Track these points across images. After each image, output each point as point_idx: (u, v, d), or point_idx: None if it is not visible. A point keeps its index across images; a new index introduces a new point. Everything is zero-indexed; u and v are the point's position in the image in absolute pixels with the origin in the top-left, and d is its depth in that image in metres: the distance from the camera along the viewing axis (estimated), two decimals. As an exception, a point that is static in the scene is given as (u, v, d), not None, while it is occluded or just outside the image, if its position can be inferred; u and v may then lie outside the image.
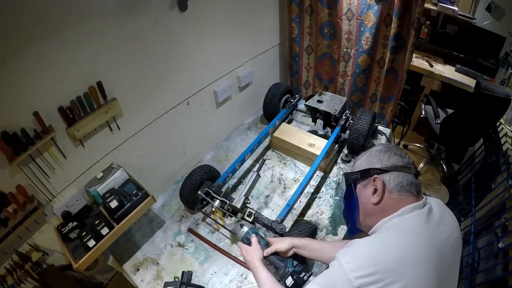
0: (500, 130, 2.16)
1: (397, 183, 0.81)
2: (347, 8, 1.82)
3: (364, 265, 0.68)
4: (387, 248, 0.71)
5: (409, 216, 0.77)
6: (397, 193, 0.80)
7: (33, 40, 0.92)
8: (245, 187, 1.37)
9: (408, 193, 0.81)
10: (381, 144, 0.92)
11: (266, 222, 1.29)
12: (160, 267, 1.33)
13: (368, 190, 0.84)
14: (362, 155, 0.90)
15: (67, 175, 1.20)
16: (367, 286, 0.66)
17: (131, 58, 1.22)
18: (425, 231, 0.74)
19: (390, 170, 0.81)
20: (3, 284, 1.11)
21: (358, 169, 0.87)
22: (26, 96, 0.97)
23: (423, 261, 0.69)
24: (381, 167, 0.82)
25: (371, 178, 0.83)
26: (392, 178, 0.81)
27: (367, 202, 0.84)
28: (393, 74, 1.90)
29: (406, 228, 0.75)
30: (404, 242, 0.71)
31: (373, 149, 0.88)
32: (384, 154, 0.84)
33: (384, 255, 0.69)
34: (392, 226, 0.77)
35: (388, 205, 0.81)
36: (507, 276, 1.42)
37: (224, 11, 1.53)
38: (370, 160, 0.85)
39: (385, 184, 0.81)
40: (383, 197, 0.81)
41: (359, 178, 0.86)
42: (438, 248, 0.72)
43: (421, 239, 0.72)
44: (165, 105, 1.47)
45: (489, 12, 2.68)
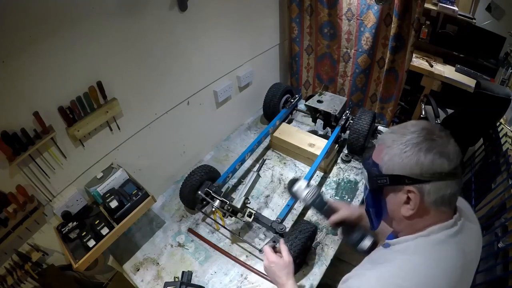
0: (500, 130, 2.16)
1: (438, 197, 0.64)
2: (347, 8, 1.82)
3: None
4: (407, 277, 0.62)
5: (435, 241, 0.65)
6: (435, 207, 0.65)
7: (33, 40, 0.92)
8: (245, 187, 1.37)
9: (447, 207, 0.66)
10: (420, 129, 0.65)
11: (266, 222, 1.29)
12: (160, 267, 1.33)
13: (399, 198, 0.67)
14: (393, 143, 0.66)
15: (67, 175, 1.20)
16: None
17: (131, 58, 1.22)
18: (448, 263, 0.65)
19: (431, 180, 0.62)
20: (3, 284, 1.11)
21: (387, 172, 0.66)
22: (26, 96, 0.97)
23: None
24: (420, 177, 0.63)
25: (404, 188, 0.65)
26: (432, 190, 0.63)
27: (396, 211, 0.69)
28: (393, 74, 1.90)
29: (430, 259, 0.64)
30: (424, 275, 0.63)
31: (410, 141, 0.64)
32: (425, 155, 0.62)
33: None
34: (415, 252, 0.66)
35: (419, 220, 0.67)
36: (507, 276, 1.42)
37: (224, 11, 1.53)
38: (405, 164, 0.64)
39: (423, 196, 0.64)
40: (418, 210, 0.65)
41: (388, 184, 0.67)
42: (458, 277, 0.65)
43: (442, 272, 0.63)
44: (165, 105, 1.47)
45: (489, 12, 2.69)
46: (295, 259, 1.17)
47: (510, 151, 1.93)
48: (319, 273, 1.28)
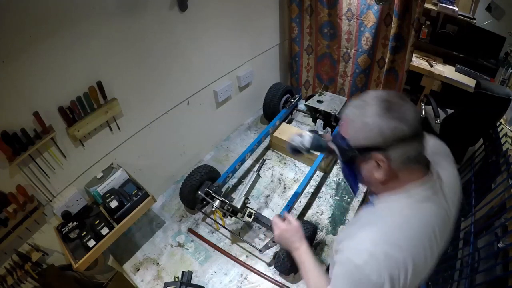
0: (500, 130, 2.16)
1: (405, 158, 0.70)
2: (347, 8, 1.82)
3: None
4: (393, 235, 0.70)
5: (417, 199, 0.72)
6: (405, 167, 0.71)
7: (33, 40, 0.92)
8: (245, 187, 1.37)
9: (417, 165, 0.73)
10: (378, 101, 0.70)
11: (266, 222, 1.29)
12: (160, 267, 1.33)
13: (370, 166, 0.73)
14: (356, 117, 0.72)
15: (67, 175, 1.20)
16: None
17: (131, 58, 1.22)
18: (429, 218, 0.72)
19: (395, 145, 0.68)
20: (3, 284, 1.11)
21: (355, 144, 0.73)
22: (26, 96, 0.98)
23: (424, 247, 0.70)
24: (383, 145, 0.68)
25: (372, 156, 0.71)
26: (398, 154, 0.69)
27: (370, 176, 0.75)
28: (393, 74, 1.90)
29: (411, 216, 0.72)
30: (406, 230, 0.70)
31: (369, 113, 0.69)
32: (386, 124, 0.67)
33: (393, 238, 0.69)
34: (400, 213, 0.72)
35: (394, 180, 0.73)
36: (508, 276, 1.42)
37: (224, 11, 1.53)
38: (369, 135, 0.69)
39: (391, 161, 0.70)
40: (387, 173, 0.72)
41: (358, 155, 0.74)
42: (439, 227, 0.73)
43: (423, 226, 0.71)
44: (165, 105, 1.47)
45: (489, 12, 2.68)
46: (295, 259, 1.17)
47: (510, 151, 1.93)
48: (319, 273, 1.28)
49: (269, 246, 1.27)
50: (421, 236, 0.71)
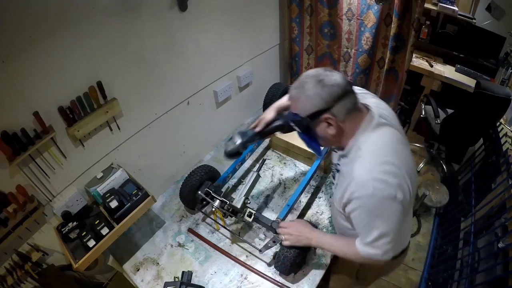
0: (500, 130, 2.16)
1: (345, 111, 0.87)
2: (347, 8, 1.82)
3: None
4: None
5: (373, 127, 0.89)
6: (349, 116, 0.88)
7: (33, 40, 0.92)
8: (245, 187, 1.37)
9: (356, 111, 0.90)
10: (311, 77, 0.87)
11: (266, 222, 1.29)
12: (160, 267, 1.33)
13: (322, 126, 0.90)
14: (301, 93, 0.88)
15: (67, 175, 1.20)
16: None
17: (131, 58, 1.22)
18: (391, 134, 0.92)
19: (335, 103, 0.85)
20: (3, 284, 1.11)
21: (305, 114, 0.88)
22: (26, 96, 0.98)
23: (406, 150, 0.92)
24: (326, 106, 0.86)
25: (321, 118, 0.88)
26: (339, 110, 0.86)
27: (326, 135, 0.91)
28: (393, 74, 1.90)
29: (378, 139, 0.89)
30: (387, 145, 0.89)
31: (308, 87, 0.86)
32: (323, 91, 0.85)
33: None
34: (368, 142, 0.89)
35: (347, 130, 0.90)
36: (508, 276, 1.42)
37: (224, 11, 1.53)
38: (313, 102, 0.86)
39: (336, 116, 0.87)
40: (338, 126, 0.89)
41: (310, 122, 0.90)
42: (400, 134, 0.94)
43: (394, 138, 0.91)
44: (165, 105, 1.47)
45: (489, 12, 2.68)
46: (295, 259, 1.17)
47: (510, 151, 1.93)
48: (319, 273, 1.28)
49: (269, 246, 1.27)
50: (396, 147, 0.90)
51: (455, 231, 2.12)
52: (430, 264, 2.16)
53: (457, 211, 2.28)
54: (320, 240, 1.14)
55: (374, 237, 0.90)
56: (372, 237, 0.90)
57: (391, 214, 0.86)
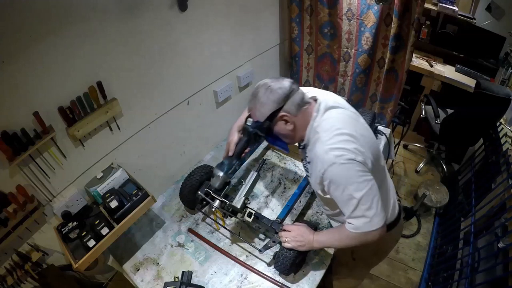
0: (500, 130, 2.16)
1: (296, 106, 1.01)
2: (347, 8, 1.82)
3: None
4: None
5: (322, 112, 1.02)
6: (300, 110, 1.02)
7: (33, 40, 0.92)
8: (245, 187, 1.37)
9: (306, 104, 1.03)
10: (261, 87, 1.04)
11: (266, 222, 1.29)
12: (160, 267, 1.33)
13: (280, 125, 1.04)
14: (255, 103, 1.03)
15: (67, 175, 1.20)
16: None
17: (131, 58, 1.22)
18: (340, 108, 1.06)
19: (285, 102, 1.00)
20: (3, 284, 1.11)
21: (263, 118, 1.03)
22: (26, 96, 0.97)
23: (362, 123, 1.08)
24: (279, 106, 1.00)
25: (277, 117, 1.02)
26: (290, 106, 1.01)
27: (286, 132, 1.05)
28: (393, 74, 1.90)
29: (331, 116, 1.01)
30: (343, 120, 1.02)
31: (260, 95, 1.02)
32: (272, 94, 1.00)
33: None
34: (323, 122, 1.00)
35: (302, 122, 1.03)
36: (507, 276, 1.42)
37: (224, 11, 1.53)
38: (267, 106, 1.01)
39: (290, 112, 1.01)
40: (293, 121, 1.02)
41: (270, 123, 1.04)
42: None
43: (346, 112, 1.06)
44: (165, 105, 1.47)
45: (489, 12, 2.68)
46: (295, 259, 1.17)
47: (510, 151, 1.94)
48: (319, 273, 1.28)
49: (269, 246, 1.27)
50: (348, 120, 1.02)
51: (455, 231, 2.12)
52: (430, 264, 2.17)
53: (457, 211, 2.28)
54: (320, 240, 1.15)
55: (353, 206, 0.95)
56: (352, 207, 0.95)
57: (358, 177, 0.93)
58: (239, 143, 1.28)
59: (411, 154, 3.08)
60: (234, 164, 1.28)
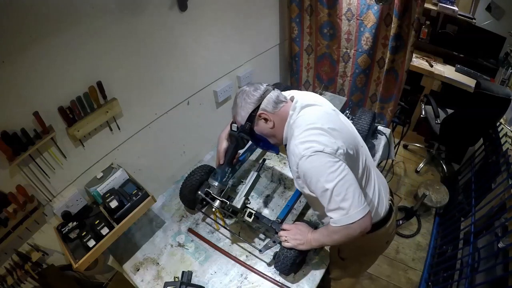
0: (500, 130, 2.16)
1: (272, 104, 1.07)
2: (347, 8, 1.82)
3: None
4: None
5: (299, 110, 1.05)
6: (278, 107, 1.07)
7: (33, 40, 0.92)
8: (245, 187, 1.36)
9: (282, 102, 1.08)
10: (239, 94, 1.11)
11: (266, 222, 1.29)
12: (160, 267, 1.33)
13: (261, 124, 1.09)
14: (235, 108, 1.11)
15: (67, 175, 1.20)
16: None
17: (131, 58, 1.22)
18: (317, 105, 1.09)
19: (260, 102, 1.06)
20: (3, 284, 1.11)
21: (244, 120, 1.09)
22: (26, 96, 0.98)
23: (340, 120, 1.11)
24: (255, 105, 1.07)
25: (257, 117, 1.08)
26: (266, 105, 1.06)
27: (268, 130, 1.09)
28: (393, 74, 1.90)
29: (306, 113, 1.04)
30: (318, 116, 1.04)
31: (238, 101, 1.09)
32: (249, 97, 1.07)
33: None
34: (298, 119, 1.03)
35: (280, 120, 1.07)
36: (507, 276, 1.42)
37: (224, 11, 1.53)
38: (245, 109, 1.07)
39: (268, 111, 1.07)
40: (272, 118, 1.07)
41: (250, 125, 1.09)
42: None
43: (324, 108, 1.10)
44: (165, 105, 1.47)
45: (489, 12, 2.68)
46: (295, 259, 1.17)
47: (510, 151, 1.94)
48: (319, 273, 1.28)
49: (269, 246, 1.27)
50: (322, 115, 1.04)
51: (455, 231, 2.12)
52: (430, 264, 2.16)
53: (457, 211, 2.28)
54: (316, 238, 1.14)
55: (328, 198, 0.94)
56: (327, 199, 0.94)
57: (327, 168, 0.92)
58: (228, 150, 1.33)
59: (411, 154, 3.08)
60: (227, 172, 1.33)
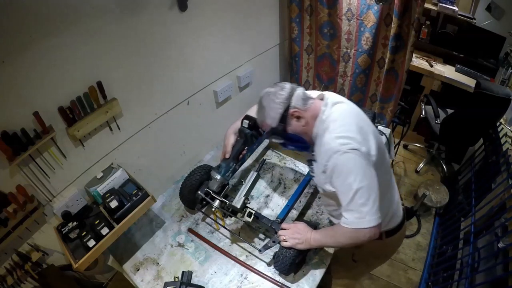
0: (500, 130, 2.16)
1: (301, 101, 1.06)
2: (347, 8, 1.82)
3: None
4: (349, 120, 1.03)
5: (330, 107, 1.06)
6: (307, 104, 1.07)
7: (33, 40, 0.92)
8: (245, 187, 1.37)
9: (310, 98, 1.08)
10: (263, 96, 1.10)
11: (266, 222, 1.29)
12: (160, 267, 1.33)
13: (294, 123, 1.07)
14: (262, 112, 1.09)
15: (67, 175, 1.20)
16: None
17: (131, 58, 1.22)
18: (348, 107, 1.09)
19: (290, 100, 1.05)
20: (3, 284, 1.11)
21: (276, 123, 1.07)
22: (26, 96, 0.97)
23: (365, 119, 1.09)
24: (285, 105, 1.05)
25: (287, 117, 1.06)
26: (297, 102, 1.05)
27: (300, 129, 1.08)
28: (393, 74, 1.90)
29: (337, 111, 1.05)
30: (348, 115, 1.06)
31: (265, 103, 1.08)
32: (276, 97, 1.05)
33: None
34: (329, 117, 1.03)
35: (310, 116, 1.07)
36: (508, 276, 1.42)
37: (224, 11, 1.53)
38: (275, 109, 1.06)
39: (298, 107, 1.05)
40: (304, 116, 1.06)
41: (284, 125, 1.08)
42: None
43: (351, 108, 1.09)
44: (165, 105, 1.47)
45: (489, 12, 2.68)
46: (294, 258, 1.17)
47: (510, 151, 1.94)
48: (319, 273, 1.28)
49: (269, 246, 1.27)
50: (356, 113, 1.07)
51: (455, 231, 2.12)
52: (430, 264, 2.16)
53: (457, 211, 2.28)
54: (316, 238, 1.15)
55: (349, 197, 0.95)
56: (348, 198, 0.95)
57: (359, 168, 0.94)
58: (235, 145, 1.31)
59: (411, 154, 3.08)
60: (231, 167, 1.30)
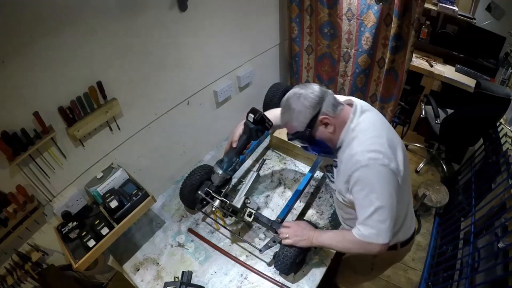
0: (500, 130, 2.16)
1: (331, 107, 1.00)
2: (347, 8, 1.81)
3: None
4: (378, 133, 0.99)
5: (358, 115, 1.01)
6: (337, 111, 1.01)
7: (33, 40, 0.92)
8: (245, 187, 1.37)
9: (340, 105, 1.02)
10: (291, 97, 1.02)
11: (266, 222, 1.29)
12: (160, 267, 1.33)
13: (321, 129, 1.02)
14: (289, 113, 1.01)
15: (67, 175, 1.20)
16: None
17: (131, 58, 1.22)
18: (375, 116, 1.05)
19: (320, 106, 0.99)
20: (3, 284, 1.11)
21: (303, 127, 1.00)
22: (26, 96, 0.97)
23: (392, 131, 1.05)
24: (315, 111, 0.99)
25: (317, 122, 1.00)
26: (327, 108, 0.99)
27: (326, 136, 1.02)
28: (393, 74, 1.90)
29: (366, 121, 1.01)
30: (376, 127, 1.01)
31: (294, 105, 1.00)
32: (307, 100, 0.98)
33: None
34: (358, 127, 1.00)
35: (339, 123, 1.01)
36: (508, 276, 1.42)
37: (224, 11, 1.53)
38: (304, 113, 0.99)
39: (328, 114, 0.99)
40: (333, 122, 1.00)
41: (310, 131, 1.01)
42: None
43: (379, 119, 1.05)
44: (165, 105, 1.47)
45: (489, 12, 2.68)
46: (295, 258, 1.17)
47: (510, 151, 1.94)
48: (319, 273, 1.28)
49: (269, 246, 1.27)
50: (384, 125, 1.02)
51: (455, 231, 2.12)
52: (430, 264, 2.16)
53: (457, 211, 2.28)
54: (320, 238, 1.15)
55: (369, 212, 0.94)
56: (368, 213, 0.95)
57: (385, 185, 0.93)
58: (240, 139, 1.25)
59: (411, 154, 3.08)
60: (233, 162, 1.28)
